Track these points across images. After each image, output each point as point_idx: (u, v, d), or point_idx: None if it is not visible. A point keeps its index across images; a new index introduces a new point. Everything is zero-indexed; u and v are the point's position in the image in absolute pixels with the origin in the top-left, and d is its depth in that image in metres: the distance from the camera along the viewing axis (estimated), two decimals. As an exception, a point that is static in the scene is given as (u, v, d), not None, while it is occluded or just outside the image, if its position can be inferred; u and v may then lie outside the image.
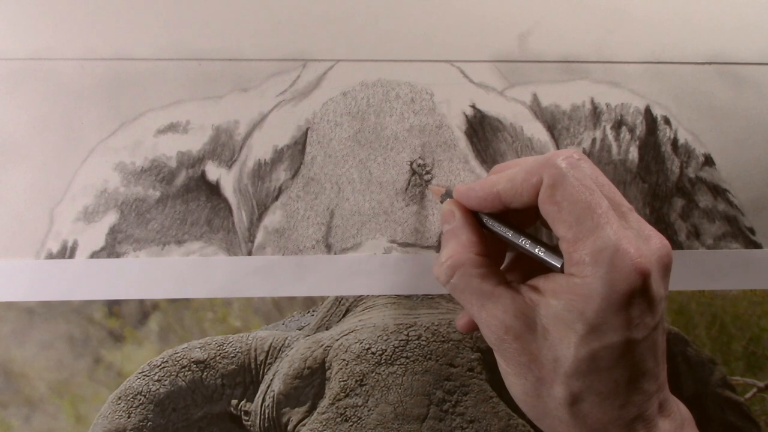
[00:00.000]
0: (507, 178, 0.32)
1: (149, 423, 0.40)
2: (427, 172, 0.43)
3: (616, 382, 0.29)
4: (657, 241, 0.30)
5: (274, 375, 0.41)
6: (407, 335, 0.40)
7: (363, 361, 0.40)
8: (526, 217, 0.34)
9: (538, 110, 0.43)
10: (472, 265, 0.32)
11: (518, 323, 0.30)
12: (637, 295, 0.28)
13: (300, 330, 0.42)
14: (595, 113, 0.44)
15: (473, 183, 0.34)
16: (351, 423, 0.39)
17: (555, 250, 0.31)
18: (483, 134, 0.43)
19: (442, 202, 0.36)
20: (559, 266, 0.30)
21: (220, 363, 0.41)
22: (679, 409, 0.31)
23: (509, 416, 0.39)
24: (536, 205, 0.31)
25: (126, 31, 0.42)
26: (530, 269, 0.34)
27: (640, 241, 0.29)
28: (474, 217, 0.34)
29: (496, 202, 0.32)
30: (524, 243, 0.32)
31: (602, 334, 0.28)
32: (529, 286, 0.31)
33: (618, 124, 0.44)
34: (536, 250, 0.31)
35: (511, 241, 0.33)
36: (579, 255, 0.28)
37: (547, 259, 0.31)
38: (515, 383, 0.31)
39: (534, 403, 0.30)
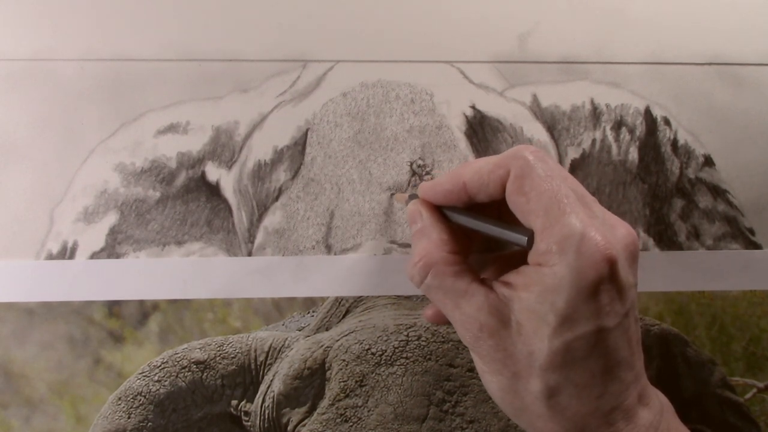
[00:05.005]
0: (474, 170, 0.32)
1: (149, 423, 0.40)
2: (427, 173, 0.43)
3: (592, 373, 0.29)
4: (623, 229, 0.30)
5: (274, 375, 0.41)
6: (407, 336, 0.40)
7: (363, 361, 0.40)
8: (488, 213, 0.34)
9: (538, 111, 0.43)
10: (445, 263, 0.32)
11: (492, 320, 0.30)
12: (605, 281, 0.28)
13: (300, 331, 0.42)
14: (595, 114, 0.44)
15: (439, 177, 0.34)
16: (351, 423, 0.39)
17: (521, 228, 0.31)
18: (483, 135, 0.43)
19: (407, 205, 0.36)
20: (526, 239, 0.30)
21: (220, 363, 0.41)
22: (659, 397, 0.32)
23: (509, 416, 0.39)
24: (501, 198, 0.31)
25: (126, 32, 0.42)
26: (503, 266, 0.34)
27: (606, 229, 0.29)
28: (442, 214, 0.34)
29: (462, 194, 0.33)
30: (490, 227, 0.32)
31: (574, 324, 0.28)
32: (501, 282, 0.31)
33: (618, 125, 0.44)
34: (502, 230, 0.31)
35: (477, 227, 0.32)
36: (546, 244, 0.29)
37: (513, 234, 0.31)
38: (492, 381, 0.31)
39: (511, 399, 0.30)
